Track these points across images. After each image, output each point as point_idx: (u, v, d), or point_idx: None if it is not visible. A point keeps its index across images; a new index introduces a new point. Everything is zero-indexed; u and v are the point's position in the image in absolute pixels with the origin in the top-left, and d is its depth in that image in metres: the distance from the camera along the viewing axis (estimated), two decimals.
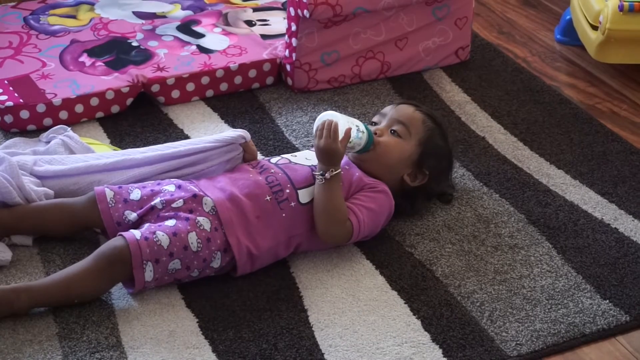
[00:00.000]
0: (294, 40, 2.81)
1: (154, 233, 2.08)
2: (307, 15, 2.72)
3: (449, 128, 2.57)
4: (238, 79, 2.84)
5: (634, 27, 2.82)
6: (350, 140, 2.23)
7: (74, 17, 3.10)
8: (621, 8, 2.80)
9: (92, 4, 3.17)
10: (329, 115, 2.23)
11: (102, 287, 2.08)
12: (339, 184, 2.19)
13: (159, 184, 2.23)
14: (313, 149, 2.25)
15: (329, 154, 2.19)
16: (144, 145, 2.48)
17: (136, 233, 2.07)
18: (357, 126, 2.25)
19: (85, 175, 2.29)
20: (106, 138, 2.64)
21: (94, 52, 2.89)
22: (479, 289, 2.16)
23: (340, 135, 2.20)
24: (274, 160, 2.30)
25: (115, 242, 2.08)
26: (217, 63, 2.83)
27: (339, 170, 2.19)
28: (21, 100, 2.62)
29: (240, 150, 2.33)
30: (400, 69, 2.97)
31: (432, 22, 2.95)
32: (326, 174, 2.18)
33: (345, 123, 2.23)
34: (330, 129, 2.19)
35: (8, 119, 2.61)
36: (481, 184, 2.50)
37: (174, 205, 2.15)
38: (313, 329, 2.05)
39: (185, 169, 2.31)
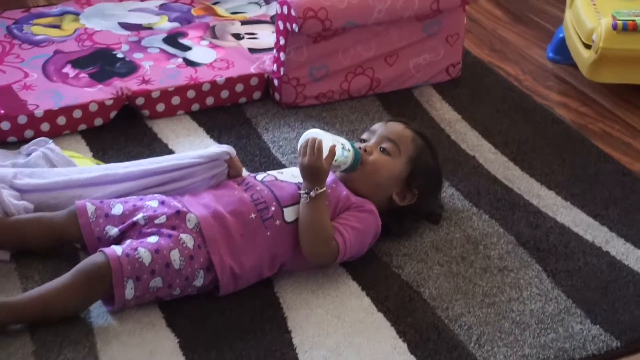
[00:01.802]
0: (282, 55, 2.78)
1: (136, 249, 2.04)
2: (296, 30, 2.70)
3: (439, 146, 2.54)
4: (225, 93, 2.81)
5: (628, 47, 2.82)
6: (335, 158, 2.20)
7: (58, 27, 3.08)
8: (615, 27, 2.80)
9: (77, 14, 3.15)
10: (313, 133, 2.21)
11: (80, 305, 2.04)
12: (324, 202, 2.16)
13: (141, 199, 2.20)
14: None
15: (313, 172, 2.16)
16: (128, 159, 2.45)
17: (117, 249, 2.04)
18: (342, 144, 2.23)
19: (66, 189, 2.27)
20: (89, 151, 2.61)
21: (78, 63, 2.86)
22: (467, 312, 2.13)
23: (325, 153, 2.17)
24: (259, 177, 2.28)
25: (95, 258, 2.04)
26: (204, 76, 2.81)
27: (324, 188, 2.17)
28: (2, 111, 2.59)
29: (225, 166, 2.30)
30: (389, 85, 2.95)
31: (423, 39, 2.93)
32: (311, 193, 2.15)
33: (330, 141, 2.20)
34: (314, 146, 2.17)
35: None
36: (471, 204, 2.47)
37: (156, 221, 2.12)
38: (297, 351, 2.02)
39: (168, 185, 2.29)
